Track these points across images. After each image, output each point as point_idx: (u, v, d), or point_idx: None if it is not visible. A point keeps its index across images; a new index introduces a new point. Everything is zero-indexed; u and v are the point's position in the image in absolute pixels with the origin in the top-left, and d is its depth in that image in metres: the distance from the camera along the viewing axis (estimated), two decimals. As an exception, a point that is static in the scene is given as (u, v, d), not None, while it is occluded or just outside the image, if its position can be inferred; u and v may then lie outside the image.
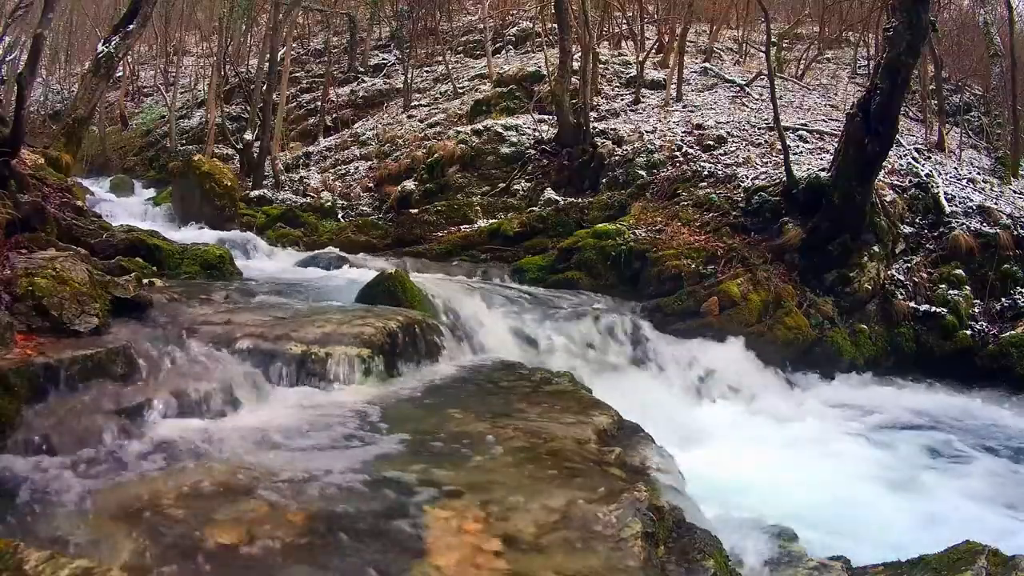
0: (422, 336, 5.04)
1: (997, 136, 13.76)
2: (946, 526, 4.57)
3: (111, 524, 2.65)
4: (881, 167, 9.14)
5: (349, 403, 4.07)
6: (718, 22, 18.85)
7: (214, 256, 7.31)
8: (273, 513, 2.79)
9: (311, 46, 23.09)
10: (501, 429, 3.77)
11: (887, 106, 8.35)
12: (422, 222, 12.14)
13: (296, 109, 19.05)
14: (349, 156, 15.09)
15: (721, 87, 14.96)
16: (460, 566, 2.54)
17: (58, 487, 2.90)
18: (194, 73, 23.77)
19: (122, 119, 23.30)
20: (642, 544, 2.76)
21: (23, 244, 5.21)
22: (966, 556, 3.14)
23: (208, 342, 4.26)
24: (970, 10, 18.09)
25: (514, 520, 2.85)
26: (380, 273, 6.52)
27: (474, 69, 18.03)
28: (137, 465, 3.12)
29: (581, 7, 13.41)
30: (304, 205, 13.12)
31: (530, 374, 5.01)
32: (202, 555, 2.50)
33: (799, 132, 11.98)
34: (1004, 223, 9.75)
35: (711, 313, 8.37)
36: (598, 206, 11.21)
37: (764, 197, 9.74)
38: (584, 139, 12.27)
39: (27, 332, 3.74)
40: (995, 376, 8.51)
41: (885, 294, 9.16)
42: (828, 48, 18.35)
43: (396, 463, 3.32)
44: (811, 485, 5.11)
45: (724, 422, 6.61)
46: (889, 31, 8.37)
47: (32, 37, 7.60)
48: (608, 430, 3.96)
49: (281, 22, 16.10)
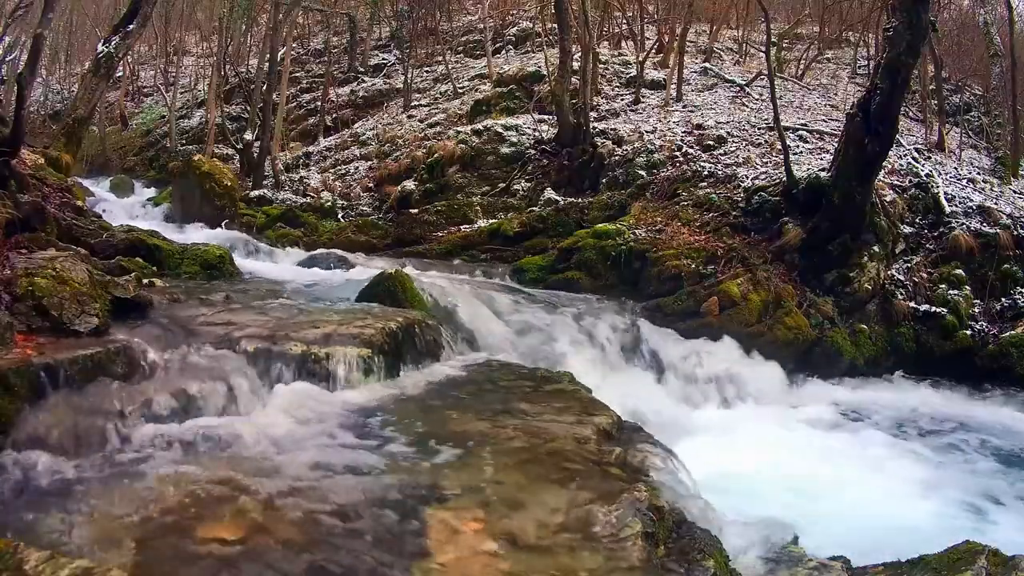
0: (422, 336, 5.04)
1: (997, 136, 13.75)
2: (946, 525, 4.58)
3: (111, 524, 2.65)
4: (881, 167, 9.14)
5: (349, 403, 4.08)
6: (718, 22, 18.85)
7: (214, 256, 7.30)
8: (273, 513, 2.79)
9: (311, 46, 23.09)
10: (501, 429, 3.77)
11: (887, 106, 8.35)
12: (422, 222, 12.15)
13: (296, 109, 19.05)
14: (349, 156, 15.09)
15: (721, 87, 14.96)
16: (460, 566, 2.54)
17: (58, 487, 2.90)
18: (194, 73, 23.76)
19: (122, 119, 23.30)
20: (642, 544, 2.77)
21: (23, 244, 5.20)
22: (966, 556, 3.14)
23: (208, 342, 4.26)
24: (970, 10, 18.09)
25: (514, 520, 2.85)
26: (380, 273, 6.51)
27: (474, 69, 18.03)
28: (137, 465, 3.13)
29: (581, 7, 13.41)
30: (304, 205, 13.11)
31: (530, 374, 5.01)
32: (202, 554, 2.51)
33: (799, 132, 11.98)
34: (1004, 223, 9.75)
35: (711, 313, 8.38)
36: (598, 206, 11.21)
37: (764, 197, 9.74)
38: (584, 139, 12.27)
39: (27, 332, 3.74)
40: (995, 376, 8.52)
41: (885, 294, 9.16)
42: (828, 48, 18.35)
43: (396, 463, 3.32)
44: (811, 485, 5.11)
45: (723, 422, 6.62)
46: (889, 31, 8.37)
47: (32, 37, 7.60)
48: (608, 430, 3.96)
49: (281, 22, 16.09)
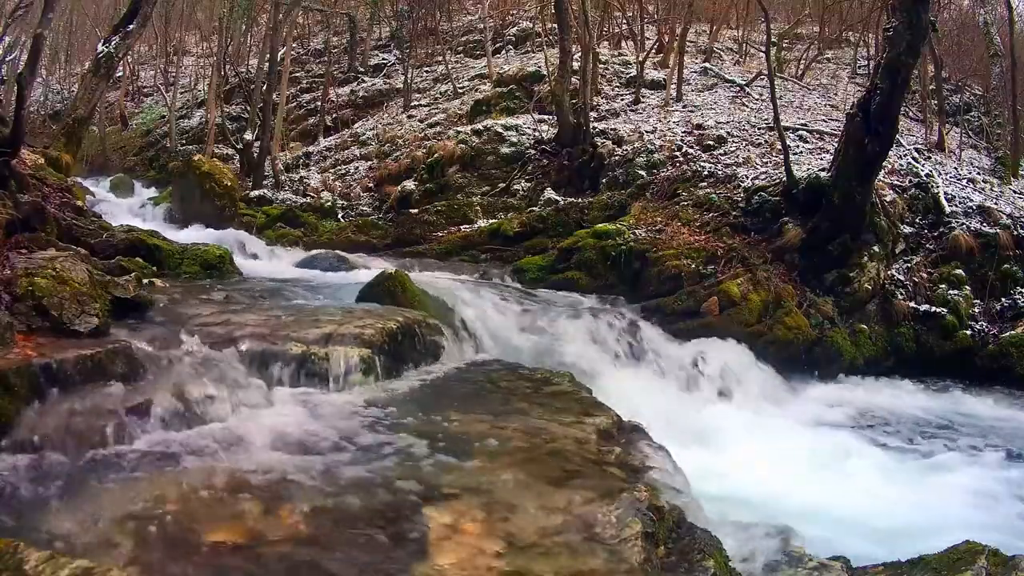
0: (422, 336, 5.04)
1: (997, 136, 13.75)
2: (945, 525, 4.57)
3: (111, 524, 2.65)
4: (881, 167, 9.15)
5: (349, 403, 4.07)
6: (718, 22, 18.85)
7: (214, 256, 7.29)
8: (273, 513, 2.79)
9: (311, 46, 23.08)
10: (501, 429, 3.77)
11: (887, 106, 8.35)
12: (422, 222, 12.15)
13: (296, 109, 19.05)
14: (349, 156, 15.09)
15: (721, 87, 14.96)
16: (460, 567, 2.54)
17: (58, 487, 2.90)
18: (194, 73, 23.76)
19: (122, 119, 23.29)
20: (642, 544, 2.76)
21: (23, 244, 5.19)
22: (966, 556, 3.14)
23: (208, 342, 4.25)
24: (970, 10, 18.10)
25: (514, 521, 2.85)
26: (380, 273, 6.50)
27: (474, 69, 18.02)
28: (137, 465, 3.12)
29: (581, 7, 13.41)
30: (304, 205, 13.11)
31: (530, 374, 5.00)
32: (202, 555, 2.50)
33: (799, 132, 11.98)
34: (1004, 223, 9.76)
35: (711, 313, 8.38)
36: (598, 206, 11.21)
37: (764, 197, 9.74)
38: (584, 139, 12.27)
39: (27, 332, 3.74)
40: (995, 376, 8.53)
41: (885, 294, 9.16)
42: (828, 48, 18.35)
43: (396, 464, 3.32)
44: (811, 485, 5.11)
45: (724, 422, 6.60)
46: (889, 31, 8.37)
47: (32, 37, 7.59)
48: (608, 430, 3.96)
49: (281, 22, 16.09)
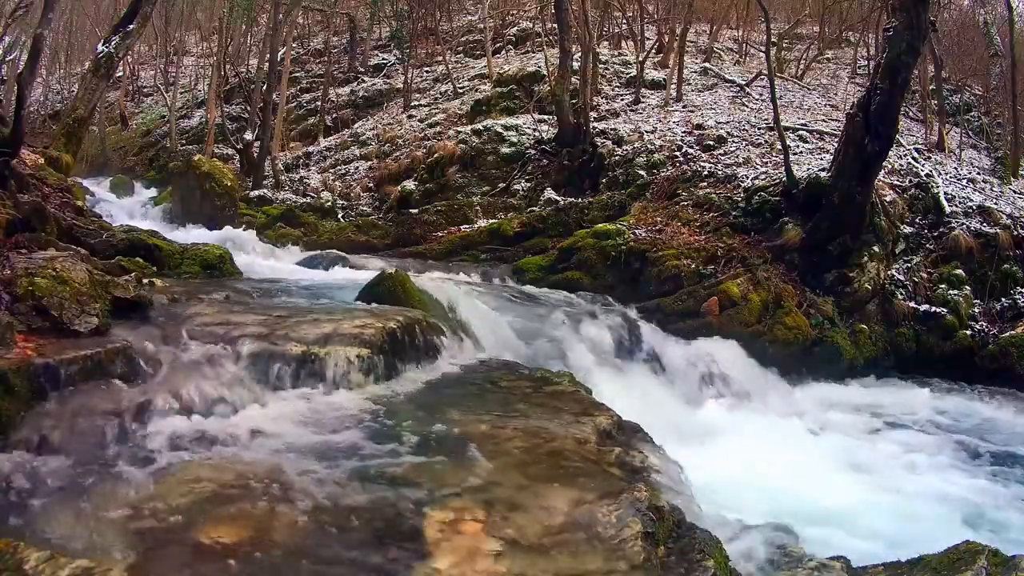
0: (422, 336, 5.03)
1: (997, 136, 13.75)
2: (946, 525, 4.57)
3: (111, 524, 2.65)
4: (881, 167, 9.15)
5: (349, 403, 4.06)
6: (718, 22, 18.86)
7: (214, 256, 7.29)
8: (273, 514, 2.79)
9: (311, 46, 23.10)
10: (501, 429, 3.77)
11: (887, 106, 8.35)
12: (422, 222, 12.16)
13: (296, 109, 19.06)
14: (349, 156, 15.09)
15: (721, 87, 14.97)
16: (461, 567, 2.54)
17: (58, 487, 2.90)
18: (194, 73, 23.77)
19: (122, 119, 23.30)
20: (642, 544, 2.76)
21: (23, 244, 5.19)
22: (966, 556, 3.13)
23: (208, 342, 4.25)
24: (970, 10, 18.12)
25: (514, 521, 2.85)
26: (380, 273, 6.50)
27: (474, 69, 18.03)
28: (137, 465, 3.12)
29: (581, 7, 13.41)
30: (304, 205, 13.13)
31: (530, 374, 5.00)
32: (202, 555, 2.50)
33: (799, 132, 11.98)
34: (1004, 223, 9.75)
35: (711, 313, 8.38)
36: (598, 206, 11.22)
37: (764, 197, 9.74)
38: (584, 139, 12.27)
39: (27, 332, 3.74)
40: (995, 376, 8.52)
41: (885, 294, 9.16)
42: (828, 48, 18.36)
43: (396, 464, 3.32)
44: (811, 485, 5.10)
45: (723, 422, 6.60)
46: (889, 31, 8.37)
47: (32, 37, 7.59)
48: (608, 430, 3.96)
49: (281, 22, 16.10)
